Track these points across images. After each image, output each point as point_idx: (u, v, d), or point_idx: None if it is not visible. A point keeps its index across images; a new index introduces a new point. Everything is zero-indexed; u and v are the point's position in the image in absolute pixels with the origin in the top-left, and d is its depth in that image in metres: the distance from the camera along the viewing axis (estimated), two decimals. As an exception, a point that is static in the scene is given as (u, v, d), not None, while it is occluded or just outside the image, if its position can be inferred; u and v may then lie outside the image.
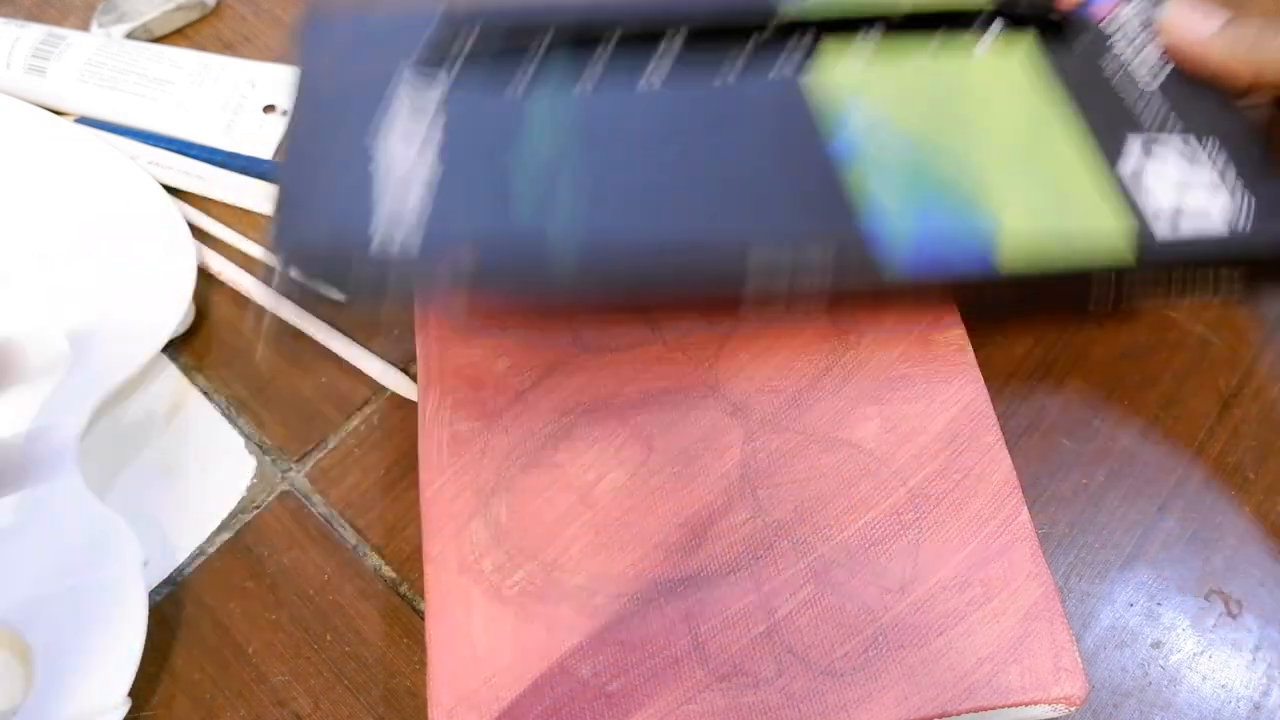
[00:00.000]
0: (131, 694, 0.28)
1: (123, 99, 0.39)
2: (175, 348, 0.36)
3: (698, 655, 0.27)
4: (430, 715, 0.26)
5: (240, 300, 0.36)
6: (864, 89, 0.30)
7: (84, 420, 0.32)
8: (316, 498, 0.32)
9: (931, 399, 0.30)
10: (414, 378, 0.34)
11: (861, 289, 0.28)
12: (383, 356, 0.34)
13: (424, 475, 0.30)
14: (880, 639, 0.27)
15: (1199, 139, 0.30)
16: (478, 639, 0.27)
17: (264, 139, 0.40)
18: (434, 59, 0.30)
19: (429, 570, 0.28)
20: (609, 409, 0.30)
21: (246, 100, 0.41)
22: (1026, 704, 0.26)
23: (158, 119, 0.39)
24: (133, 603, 0.29)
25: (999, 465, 0.29)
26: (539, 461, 0.30)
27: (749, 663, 0.27)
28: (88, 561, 0.30)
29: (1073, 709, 0.26)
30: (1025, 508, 0.28)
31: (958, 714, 0.26)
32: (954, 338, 0.31)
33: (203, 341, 0.36)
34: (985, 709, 0.26)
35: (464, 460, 0.30)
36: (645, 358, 0.31)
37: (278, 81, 0.41)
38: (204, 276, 0.37)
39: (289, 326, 0.35)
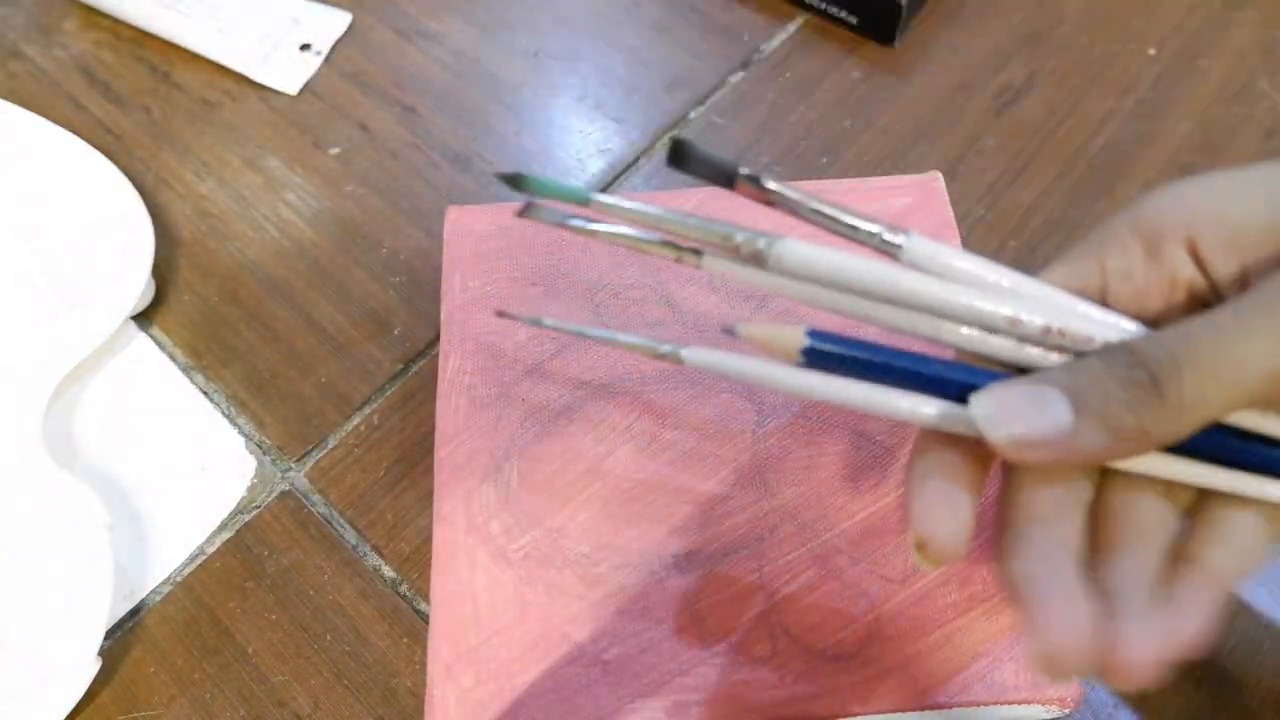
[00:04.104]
0: (101, 654, 0.29)
1: (166, 15, 0.41)
2: (174, 347, 0.36)
3: (695, 630, 0.27)
4: (428, 669, 0.27)
5: (220, 286, 0.36)
6: None
7: (48, 392, 0.32)
8: (316, 498, 0.32)
9: (946, 396, 0.30)
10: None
11: None
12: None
13: (439, 436, 0.30)
14: (878, 627, 0.27)
15: None
16: (480, 598, 0.28)
17: (295, 76, 0.41)
18: None
19: (438, 528, 0.29)
20: (625, 385, 0.31)
21: (288, 36, 0.42)
22: (1019, 703, 0.26)
23: (196, 39, 0.41)
24: (100, 564, 0.29)
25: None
26: (552, 431, 0.30)
27: (745, 641, 0.27)
28: (53, 527, 0.30)
29: (1066, 710, 0.26)
30: (1033, 509, 0.28)
31: (950, 708, 0.26)
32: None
33: (196, 335, 0.36)
34: (979, 704, 0.26)
35: (479, 424, 0.30)
36: (663, 337, 0.32)
37: (320, 22, 0.43)
38: (190, 263, 0.37)
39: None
